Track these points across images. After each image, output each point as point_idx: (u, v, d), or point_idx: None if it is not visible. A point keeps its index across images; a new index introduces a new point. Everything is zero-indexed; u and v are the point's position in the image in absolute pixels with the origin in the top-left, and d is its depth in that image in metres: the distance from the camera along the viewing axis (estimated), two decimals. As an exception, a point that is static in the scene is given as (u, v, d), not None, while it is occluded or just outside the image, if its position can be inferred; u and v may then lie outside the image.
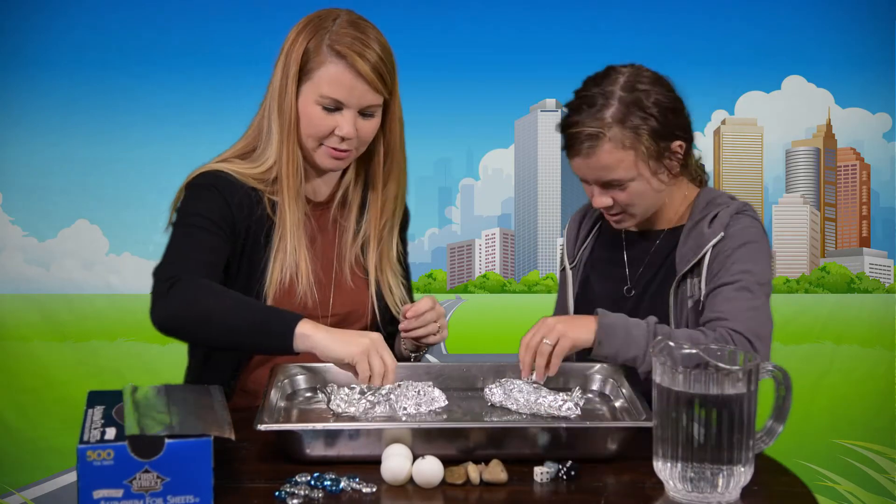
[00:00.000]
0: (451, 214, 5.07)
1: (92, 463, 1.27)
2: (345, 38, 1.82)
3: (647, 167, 1.86)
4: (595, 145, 1.83)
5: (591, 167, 1.86)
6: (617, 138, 1.83)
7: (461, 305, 5.03)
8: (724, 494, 1.36)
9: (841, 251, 5.04)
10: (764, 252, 1.88)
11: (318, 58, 1.84)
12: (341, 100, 1.83)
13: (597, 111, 1.84)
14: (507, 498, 1.41)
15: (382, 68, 1.84)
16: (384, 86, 1.85)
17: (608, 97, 1.84)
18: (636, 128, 1.83)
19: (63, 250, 4.73)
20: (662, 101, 1.86)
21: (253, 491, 1.42)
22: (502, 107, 4.85)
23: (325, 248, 1.99)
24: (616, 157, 1.84)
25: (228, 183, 1.88)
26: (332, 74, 1.83)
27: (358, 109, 1.85)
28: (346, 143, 1.87)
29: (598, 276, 2.04)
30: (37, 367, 4.65)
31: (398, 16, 4.37)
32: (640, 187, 1.87)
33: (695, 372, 1.34)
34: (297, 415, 1.71)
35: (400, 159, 1.99)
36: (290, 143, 1.88)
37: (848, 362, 4.73)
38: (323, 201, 2.01)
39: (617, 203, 1.89)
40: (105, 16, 4.51)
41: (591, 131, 1.83)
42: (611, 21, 4.51)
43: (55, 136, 4.63)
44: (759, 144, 4.95)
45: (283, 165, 1.89)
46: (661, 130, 1.85)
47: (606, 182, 1.87)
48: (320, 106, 1.85)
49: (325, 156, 1.89)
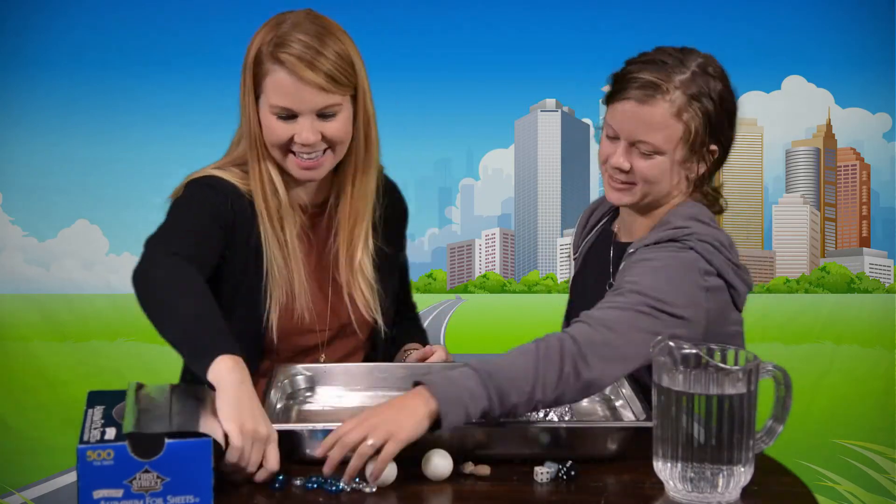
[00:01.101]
0: (451, 214, 5.08)
1: (92, 463, 1.27)
2: (292, 45, 1.74)
3: (682, 150, 1.78)
4: (653, 95, 1.75)
5: (636, 116, 1.76)
6: (676, 103, 1.76)
7: (461, 305, 5.03)
8: (724, 494, 1.36)
9: (841, 251, 5.04)
10: (667, 271, 1.69)
11: (265, 66, 1.76)
12: (290, 107, 1.76)
13: (669, 68, 1.77)
14: (508, 498, 1.41)
15: (334, 71, 1.75)
16: (336, 84, 1.76)
17: (684, 64, 1.78)
18: (696, 104, 1.77)
19: (63, 250, 4.73)
20: (726, 98, 1.81)
21: (253, 491, 1.42)
22: (502, 107, 4.86)
23: (323, 258, 1.94)
24: (666, 121, 1.76)
25: (229, 190, 1.83)
26: (276, 82, 1.75)
27: (314, 113, 1.77)
28: (311, 151, 1.79)
29: (591, 269, 2.03)
30: (37, 367, 4.66)
31: (398, 16, 4.37)
32: (663, 165, 1.78)
33: (695, 372, 1.34)
34: (297, 415, 1.71)
35: (367, 158, 1.89)
36: (260, 158, 1.82)
37: (848, 362, 4.74)
38: (318, 210, 1.94)
39: (633, 171, 1.80)
40: (105, 16, 4.52)
41: (657, 81, 1.76)
42: (611, 21, 4.51)
43: (55, 136, 4.64)
44: (759, 144, 4.95)
45: (255, 181, 1.83)
46: (714, 123, 1.79)
47: (638, 142, 1.78)
48: (275, 115, 1.77)
49: (294, 167, 1.81)
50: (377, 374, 1.82)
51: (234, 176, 1.85)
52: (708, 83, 1.78)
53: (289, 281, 1.85)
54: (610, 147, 1.81)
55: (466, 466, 1.48)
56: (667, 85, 1.75)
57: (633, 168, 1.79)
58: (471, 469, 1.47)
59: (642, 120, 1.76)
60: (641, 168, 1.78)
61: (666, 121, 1.75)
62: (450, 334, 3.82)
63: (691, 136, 1.77)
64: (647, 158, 1.78)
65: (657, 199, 1.84)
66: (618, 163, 1.79)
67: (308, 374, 1.81)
